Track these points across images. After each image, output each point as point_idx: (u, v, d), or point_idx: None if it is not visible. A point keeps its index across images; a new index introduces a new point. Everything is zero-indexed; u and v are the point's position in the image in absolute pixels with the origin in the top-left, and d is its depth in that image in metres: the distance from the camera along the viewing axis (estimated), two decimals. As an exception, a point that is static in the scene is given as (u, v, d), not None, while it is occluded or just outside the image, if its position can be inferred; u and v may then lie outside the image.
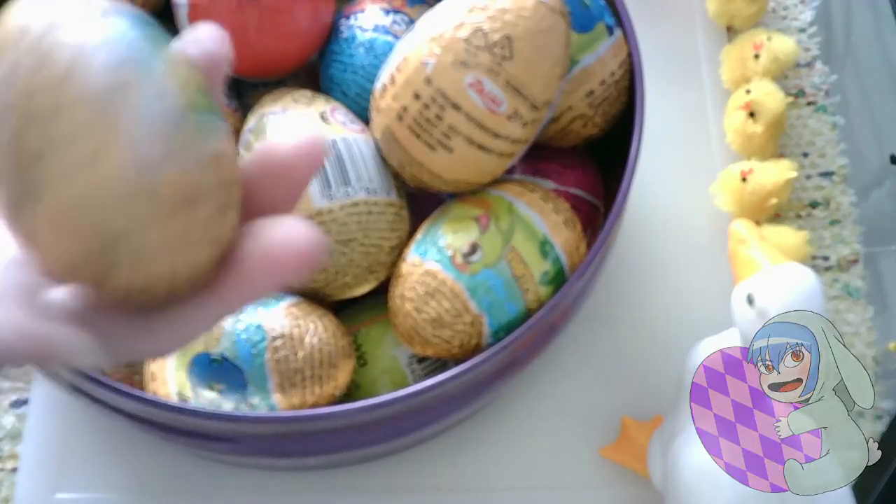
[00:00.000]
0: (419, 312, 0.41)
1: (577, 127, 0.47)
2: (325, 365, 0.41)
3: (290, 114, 0.44)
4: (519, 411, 0.50)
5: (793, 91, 0.59)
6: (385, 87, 0.42)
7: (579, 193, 0.48)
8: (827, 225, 0.56)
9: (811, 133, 0.58)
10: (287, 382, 0.40)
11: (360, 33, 0.47)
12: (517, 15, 0.39)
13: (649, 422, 0.48)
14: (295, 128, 0.43)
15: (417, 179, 0.43)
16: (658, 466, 0.45)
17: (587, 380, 0.51)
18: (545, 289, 0.41)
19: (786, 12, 0.62)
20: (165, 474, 0.49)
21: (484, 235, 0.41)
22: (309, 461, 0.45)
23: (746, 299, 0.39)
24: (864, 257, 0.55)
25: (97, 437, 0.49)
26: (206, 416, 0.38)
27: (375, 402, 0.38)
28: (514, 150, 0.42)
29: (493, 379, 0.41)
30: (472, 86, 0.39)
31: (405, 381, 0.45)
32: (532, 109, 0.40)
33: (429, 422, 0.42)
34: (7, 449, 0.50)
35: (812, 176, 0.57)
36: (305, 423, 0.39)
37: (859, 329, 0.53)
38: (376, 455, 0.48)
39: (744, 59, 0.57)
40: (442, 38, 0.39)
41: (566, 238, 0.42)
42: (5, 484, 0.49)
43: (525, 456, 0.49)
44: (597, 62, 0.45)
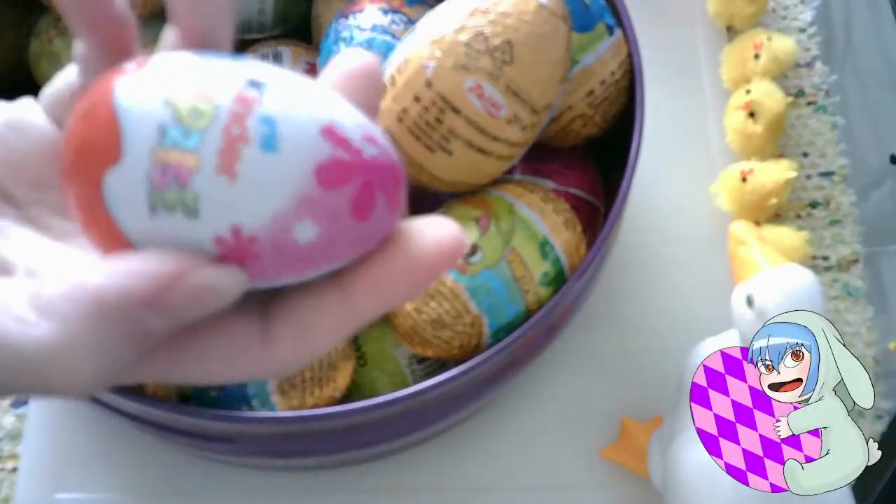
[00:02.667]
0: (419, 313, 0.41)
1: (577, 127, 0.47)
2: (325, 367, 0.41)
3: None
4: (519, 411, 0.50)
5: (793, 91, 0.59)
6: (385, 88, 0.42)
7: (579, 193, 0.48)
8: (827, 225, 0.56)
9: (811, 133, 0.58)
10: (286, 384, 0.40)
11: (358, 33, 0.47)
12: (518, 19, 0.39)
13: (649, 422, 0.48)
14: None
15: (416, 180, 0.43)
16: (658, 467, 0.45)
17: (587, 380, 0.51)
18: (545, 289, 0.41)
19: (786, 12, 0.62)
20: (165, 474, 0.49)
21: (484, 236, 0.41)
22: (309, 461, 0.45)
23: (746, 300, 0.39)
24: (864, 257, 0.55)
25: (97, 437, 0.49)
26: (206, 416, 0.38)
27: (375, 402, 0.38)
28: (514, 153, 0.42)
29: (493, 379, 0.41)
30: (473, 90, 0.39)
31: (405, 381, 0.45)
32: (532, 113, 0.40)
33: (429, 422, 0.42)
34: (7, 449, 0.50)
35: (812, 176, 0.57)
36: (305, 424, 0.39)
37: (859, 329, 0.53)
38: (376, 455, 0.48)
39: (744, 59, 0.57)
40: (443, 41, 0.39)
41: (566, 239, 0.42)
42: (5, 484, 0.49)
43: (525, 456, 0.49)
44: (597, 62, 0.45)
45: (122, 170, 0.19)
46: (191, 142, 0.19)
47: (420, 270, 0.20)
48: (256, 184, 0.19)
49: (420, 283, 0.20)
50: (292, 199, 0.19)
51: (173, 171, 0.19)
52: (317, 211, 0.19)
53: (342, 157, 0.19)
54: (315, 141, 0.19)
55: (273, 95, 0.19)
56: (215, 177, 0.19)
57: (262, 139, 0.19)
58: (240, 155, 0.19)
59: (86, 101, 0.20)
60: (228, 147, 0.19)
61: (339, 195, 0.19)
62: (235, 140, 0.19)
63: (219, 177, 0.19)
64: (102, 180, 0.19)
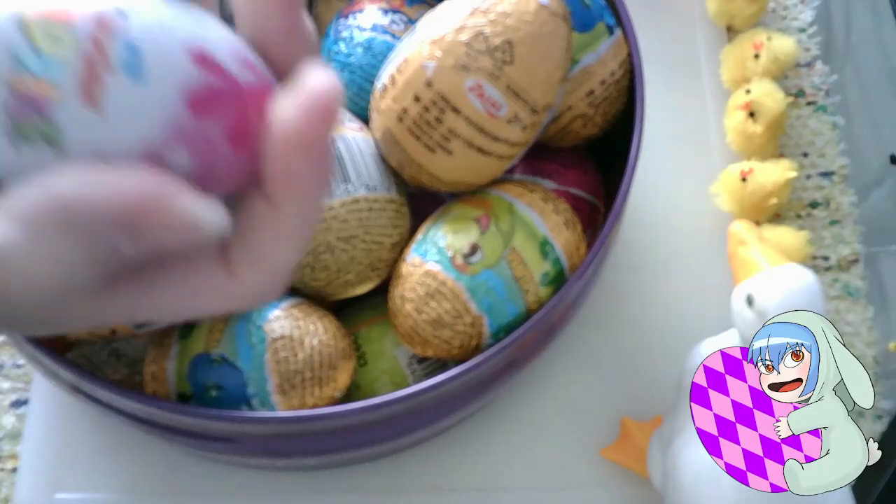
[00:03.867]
0: (419, 313, 0.41)
1: (577, 127, 0.47)
2: (325, 367, 0.41)
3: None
4: (519, 411, 0.50)
5: (793, 91, 0.59)
6: (385, 87, 0.42)
7: (579, 193, 0.48)
8: (827, 225, 0.56)
9: (811, 133, 0.58)
10: (287, 384, 0.40)
11: (358, 33, 0.47)
12: (519, 19, 0.39)
13: (649, 422, 0.48)
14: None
15: (416, 180, 0.43)
16: (658, 467, 0.45)
17: (587, 380, 0.51)
18: (545, 289, 0.41)
19: (786, 12, 0.62)
20: (165, 474, 0.49)
21: (484, 236, 0.41)
22: (309, 461, 0.45)
23: (746, 300, 0.39)
24: (864, 257, 0.55)
25: (97, 437, 0.49)
26: (207, 416, 0.38)
27: (375, 402, 0.38)
28: (514, 153, 0.42)
29: (493, 379, 0.41)
30: (473, 90, 0.39)
31: (405, 382, 0.45)
32: (532, 113, 0.40)
33: (429, 422, 0.42)
34: (7, 449, 0.50)
35: (812, 176, 0.57)
36: (305, 424, 0.39)
37: (859, 329, 0.53)
38: (376, 455, 0.48)
39: (744, 59, 0.57)
40: (443, 41, 0.39)
41: (566, 239, 0.42)
42: (5, 484, 0.49)
43: (525, 456, 0.49)
44: (597, 62, 0.45)
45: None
46: (49, 71, 0.17)
47: (305, 138, 0.19)
48: (122, 114, 0.18)
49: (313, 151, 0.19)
50: (162, 129, 0.18)
51: (32, 102, 0.18)
52: (190, 140, 0.18)
53: (214, 83, 0.18)
54: (185, 67, 0.18)
55: (137, 19, 0.18)
56: (78, 107, 0.18)
57: (126, 66, 0.18)
58: (103, 83, 0.18)
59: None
60: (90, 75, 0.18)
61: (212, 123, 0.18)
62: (98, 67, 0.18)
63: (81, 107, 0.18)
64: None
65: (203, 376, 0.40)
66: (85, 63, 0.18)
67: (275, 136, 0.19)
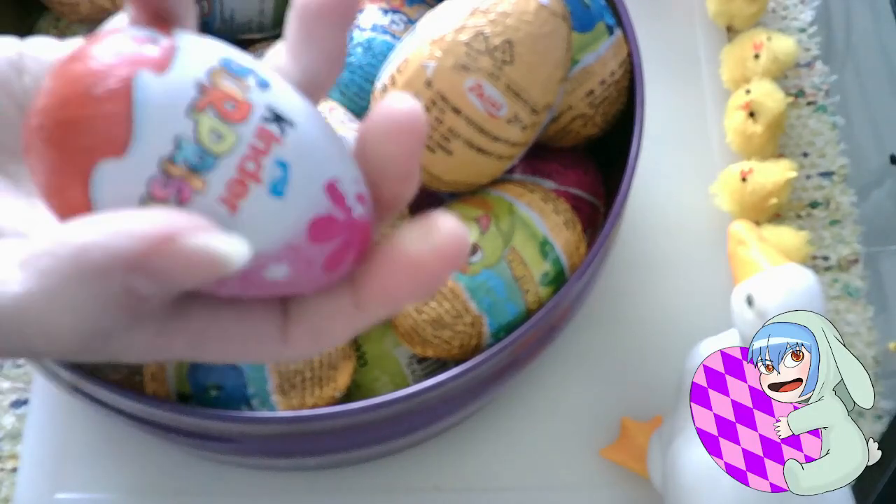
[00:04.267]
0: (419, 313, 0.41)
1: (577, 127, 0.47)
2: (325, 367, 0.41)
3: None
4: (519, 411, 0.50)
5: (793, 91, 0.59)
6: (385, 87, 0.42)
7: (579, 193, 0.48)
8: (827, 225, 0.56)
9: (811, 133, 0.58)
10: (287, 384, 0.40)
11: (358, 33, 0.47)
12: (519, 19, 0.39)
13: (649, 422, 0.48)
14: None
15: (417, 180, 0.43)
16: (658, 467, 0.45)
17: (587, 380, 0.51)
18: (545, 289, 0.41)
19: (786, 12, 0.62)
20: (165, 474, 0.49)
21: (484, 236, 0.41)
22: (309, 461, 0.45)
23: (746, 300, 0.39)
24: (864, 257, 0.55)
25: (97, 437, 0.49)
26: (207, 416, 0.38)
27: (375, 402, 0.38)
28: (514, 153, 0.42)
29: (493, 379, 0.41)
30: (473, 90, 0.39)
31: (405, 381, 0.45)
32: (532, 113, 0.40)
33: (429, 422, 0.42)
34: (7, 449, 0.50)
35: (812, 176, 0.57)
36: (306, 424, 0.39)
37: (859, 329, 0.53)
38: (376, 455, 0.48)
39: (744, 59, 0.57)
40: (443, 41, 0.39)
41: (566, 239, 0.42)
42: (5, 484, 0.49)
43: (525, 456, 0.49)
44: (597, 62, 0.45)
45: (121, 166, 0.18)
46: (204, 165, 0.18)
47: (425, 275, 0.19)
48: (252, 223, 0.18)
49: (426, 286, 0.20)
50: (279, 243, 0.19)
51: (176, 186, 0.18)
52: (295, 258, 0.19)
53: (336, 215, 0.19)
54: (318, 194, 0.19)
55: (293, 135, 0.19)
56: (215, 205, 0.18)
57: (272, 182, 0.18)
58: (248, 192, 0.18)
59: (97, 73, 0.18)
60: (239, 181, 0.18)
61: (320, 248, 0.19)
62: (248, 176, 0.18)
63: (219, 206, 0.18)
64: (94, 167, 0.18)
65: (203, 376, 0.40)
66: (239, 171, 0.18)
67: (397, 264, 0.19)
